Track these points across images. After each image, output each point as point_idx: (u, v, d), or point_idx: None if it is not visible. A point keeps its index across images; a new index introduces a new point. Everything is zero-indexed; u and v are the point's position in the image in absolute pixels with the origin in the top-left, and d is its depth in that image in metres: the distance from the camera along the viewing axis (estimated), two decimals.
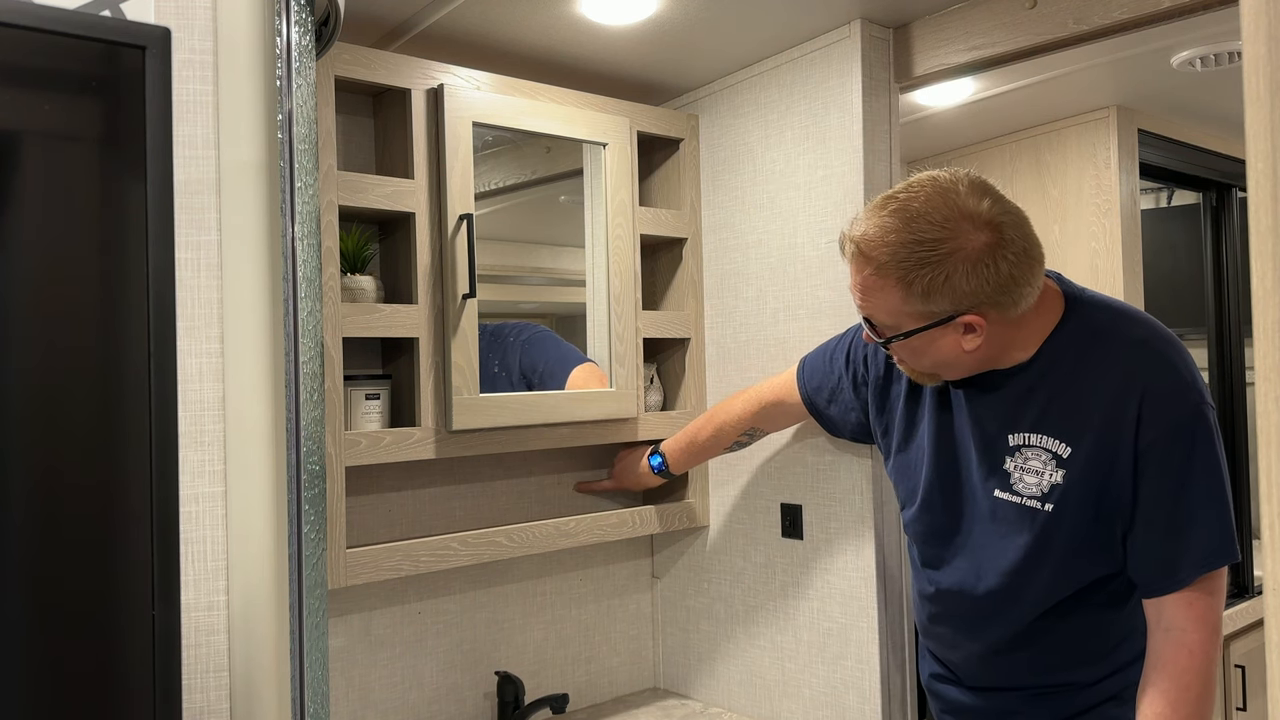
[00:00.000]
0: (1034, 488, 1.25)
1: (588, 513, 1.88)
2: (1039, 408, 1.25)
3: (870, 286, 1.22)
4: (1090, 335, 1.24)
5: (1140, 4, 1.44)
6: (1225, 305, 2.64)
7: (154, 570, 0.71)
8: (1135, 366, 1.21)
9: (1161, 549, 1.20)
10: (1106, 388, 1.21)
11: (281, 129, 0.98)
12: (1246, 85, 0.47)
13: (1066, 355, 1.24)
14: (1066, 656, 1.31)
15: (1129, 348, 1.22)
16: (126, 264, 0.72)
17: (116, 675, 0.72)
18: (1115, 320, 1.25)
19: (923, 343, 1.23)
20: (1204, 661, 1.17)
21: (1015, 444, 1.27)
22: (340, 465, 1.52)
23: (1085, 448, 1.21)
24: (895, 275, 1.18)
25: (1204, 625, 1.18)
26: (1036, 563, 1.26)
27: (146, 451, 0.72)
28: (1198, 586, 1.18)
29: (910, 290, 1.18)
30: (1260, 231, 0.46)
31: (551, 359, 1.80)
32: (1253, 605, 2.44)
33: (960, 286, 1.17)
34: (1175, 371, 1.21)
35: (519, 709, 1.81)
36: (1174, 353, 1.22)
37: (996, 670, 1.36)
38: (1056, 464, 1.23)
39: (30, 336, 0.70)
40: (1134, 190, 2.29)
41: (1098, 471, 1.21)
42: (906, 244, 1.17)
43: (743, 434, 1.77)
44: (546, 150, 1.86)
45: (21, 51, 0.69)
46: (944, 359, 1.24)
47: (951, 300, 1.18)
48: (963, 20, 1.64)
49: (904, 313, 1.21)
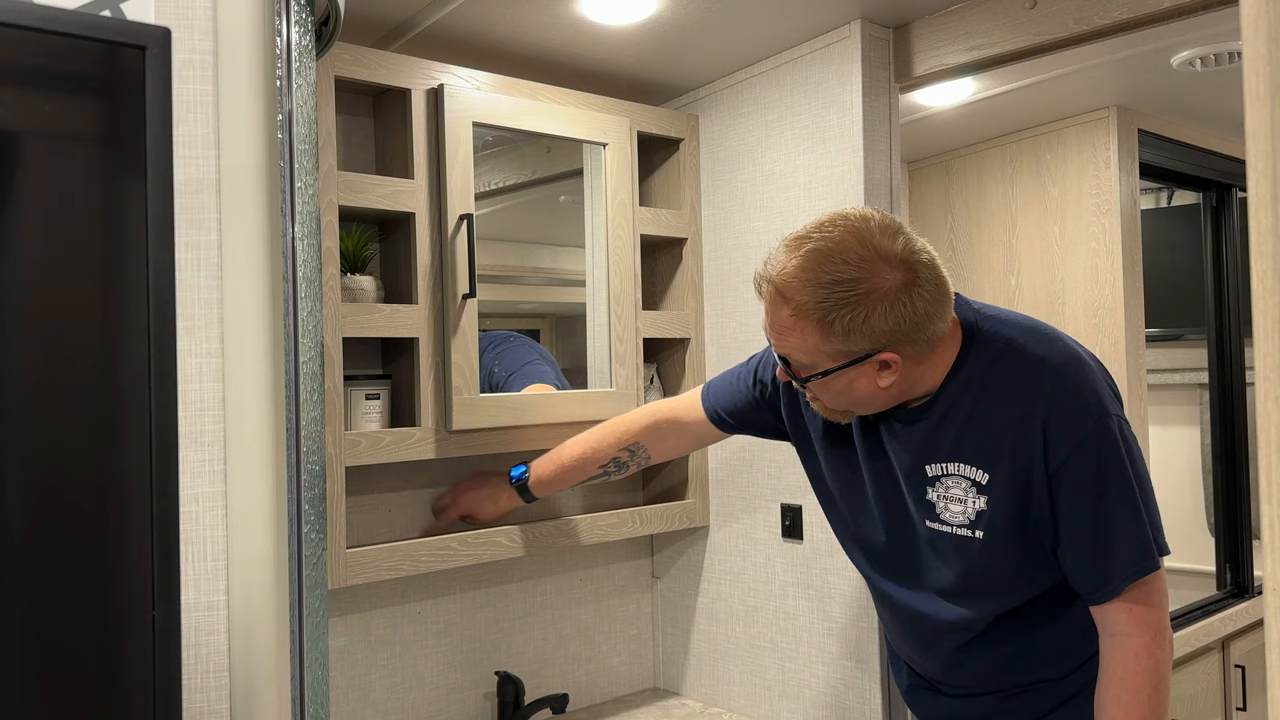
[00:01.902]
0: (960, 515, 1.27)
1: (588, 513, 1.88)
2: (952, 438, 1.27)
3: (788, 327, 1.23)
4: (991, 361, 1.26)
5: (1140, 4, 1.43)
6: (1225, 305, 2.64)
7: (154, 570, 0.71)
8: (1035, 391, 1.22)
9: (1089, 563, 1.22)
10: (1011, 414, 1.23)
11: (281, 129, 0.98)
12: (1246, 85, 0.47)
13: (971, 383, 1.26)
14: (1031, 658, 1.33)
15: (1029, 370, 1.24)
16: (126, 264, 0.72)
17: (117, 675, 0.72)
18: (1013, 342, 1.26)
19: (840, 382, 1.24)
20: (1151, 664, 1.20)
21: (934, 474, 1.29)
22: (340, 465, 1.52)
23: (1001, 473, 1.24)
24: (815, 316, 1.19)
25: (1146, 628, 1.21)
26: (981, 586, 1.29)
27: (146, 451, 0.72)
28: (1133, 593, 1.21)
29: (830, 330, 1.19)
30: (1260, 231, 0.46)
31: (512, 373, 1.77)
32: (1253, 605, 2.44)
33: (878, 325, 1.18)
34: (1075, 390, 1.22)
35: (519, 709, 1.81)
36: (1072, 369, 1.23)
37: (967, 676, 1.38)
38: (977, 490, 1.26)
39: (30, 337, 0.70)
40: (1134, 190, 2.29)
41: (1017, 495, 1.23)
42: (825, 284, 1.18)
43: (622, 448, 1.65)
44: (546, 150, 1.86)
45: (21, 51, 0.69)
46: (860, 397, 1.25)
47: (869, 339, 1.19)
48: (963, 20, 1.64)
49: (822, 352, 1.22)
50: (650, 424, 1.65)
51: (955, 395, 1.26)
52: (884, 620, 1.49)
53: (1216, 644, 2.34)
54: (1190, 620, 2.29)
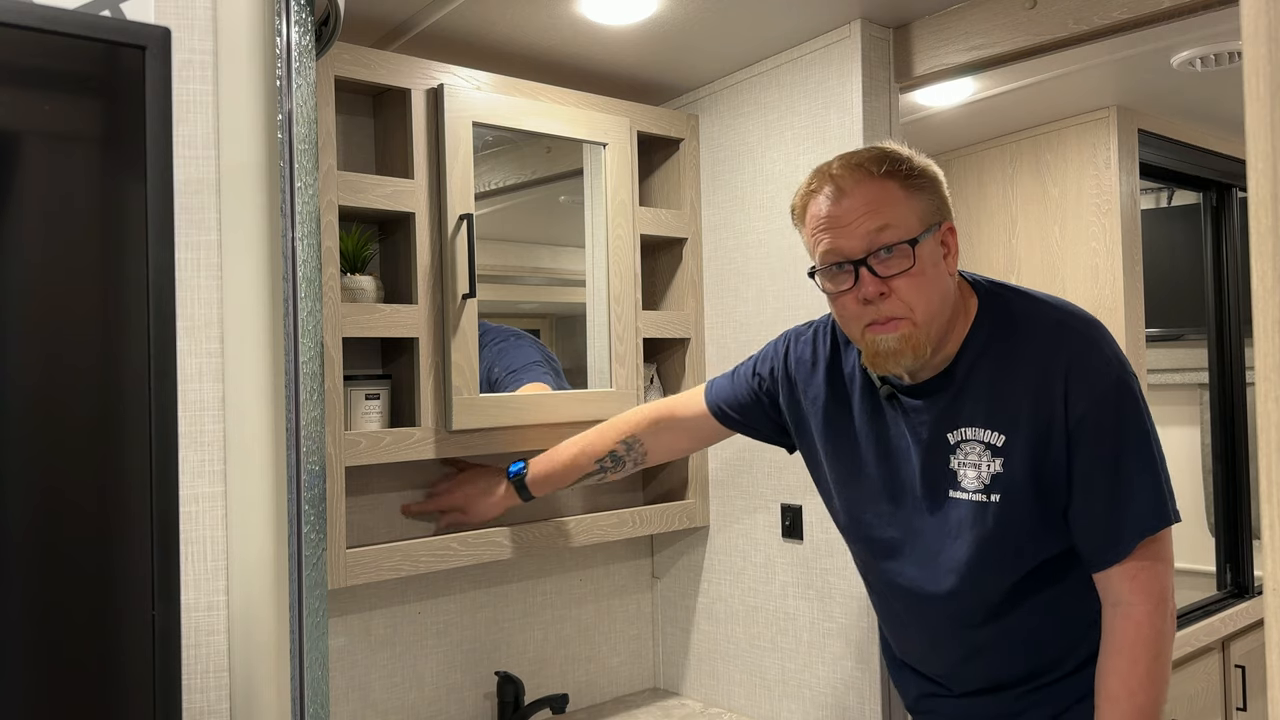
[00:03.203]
0: (976, 481, 1.26)
1: (588, 513, 1.88)
2: (972, 401, 1.27)
3: (875, 197, 1.23)
4: (1009, 324, 1.27)
5: (1140, 4, 1.43)
6: (1225, 305, 2.64)
7: (154, 570, 0.71)
8: (1055, 347, 1.23)
9: (1101, 520, 1.22)
10: (1032, 373, 1.23)
11: (281, 129, 0.98)
12: (1246, 85, 0.47)
13: (989, 347, 1.27)
14: (1048, 644, 1.31)
15: (1049, 330, 1.25)
16: (126, 264, 0.72)
17: (117, 675, 0.72)
18: (1030, 306, 1.28)
19: (929, 263, 1.23)
20: (1151, 633, 1.19)
21: (955, 441, 1.28)
22: (340, 465, 1.52)
23: (1020, 433, 1.23)
24: (899, 176, 1.23)
25: (1149, 596, 1.20)
26: (994, 555, 1.27)
27: (146, 451, 0.72)
28: (1141, 556, 1.20)
29: (913, 189, 1.23)
30: (1260, 231, 0.46)
31: (511, 371, 1.77)
32: (1253, 605, 2.44)
33: (941, 190, 1.26)
34: (1095, 346, 1.23)
35: (519, 709, 1.81)
36: (1092, 330, 1.25)
37: (981, 668, 1.35)
38: (992, 454, 1.25)
39: (30, 337, 0.70)
40: (1134, 190, 2.29)
41: (1034, 454, 1.23)
42: (892, 156, 1.25)
43: (618, 442, 1.63)
44: (546, 150, 1.86)
45: (21, 51, 0.69)
46: (942, 289, 1.25)
47: (936, 202, 1.25)
48: (962, 20, 1.64)
49: (913, 213, 1.23)
50: (647, 419, 1.64)
51: (975, 357, 1.27)
52: (889, 620, 1.45)
53: (1216, 644, 2.34)
54: (1190, 620, 2.29)
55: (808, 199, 1.29)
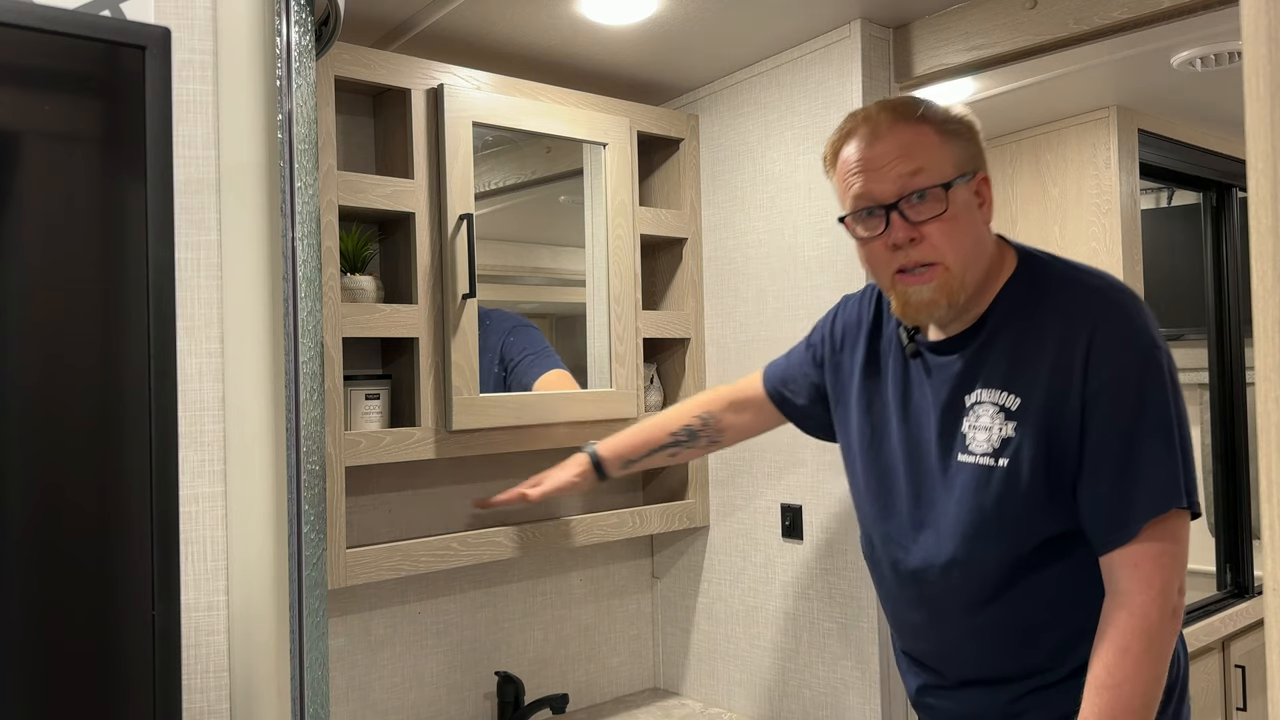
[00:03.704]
0: (985, 444, 1.22)
1: (588, 513, 1.88)
2: (991, 363, 1.23)
3: (911, 140, 1.21)
4: (1042, 286, 1.23)
5: (1140, 4, 1.43)
6: (1225, 305, 2.64)
7: (154, 570, 0.71)
8: (1084, 311, 1.18)
9: (1109, 498, 1.16)
10: (1056, 336, 1.19)
11: (281, 129, 0.98)
12: (1247, 85, 0.47)
13: (1018, 307, 1.23)
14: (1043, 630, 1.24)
15: (1079, 294, 1.21)
16: (126, 264, 0.72)
17: (117, 675, 0.72)
18: (1067, 270, 1.25)
19: (963, 208, 1.21)
20: (1144, 621, 1.13)
21: (970, 403, 1.24)
22: (340, 465, 1.52)
23: (1036, 397, 1.18)
24: (936, 122, 1.22)
25: (1149, 586, 1.14)
26: (995, 521, 1.22)
27: (146, 451, 0.72)
28: (1146, 542, 1.14)
29: (949, 135, 1.22)
30: (1260, 231, 0.46)
31: (529, 354, 1.77)
32: (1253, 605, 2.44)
33: (977, 140, 1.25)
34: (1125, 315, 1.18)
35: (519, 709, 1.81)
36: (1127, 300, 1.20)
37: (979, 655, 1.29)
38: (1005, 417, 1.20)
39: (30, 337, 0.70)
40: (1134, 190, 2.29)
41: (1048, 422, 1.17)
42: (927, 101, 1.24)
43: (695, 416, 1.62)
44: (546, 150, 1.86)
45: (21, 51, 0.69)
46: (978, 236, 1.23)
47: (972, 151, 1.24)
48: (963, 20, 1.64)
49: (948, 157, 1.21)
50: (722, 398, 1.63)
51: (1003, 316, 1.24)
52: (889, 598, 1.39)
53: (1216, 644, 2.34)
54: (1190, 620, 2.29)
55: (840, 143, 1.27)
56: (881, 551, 1.37)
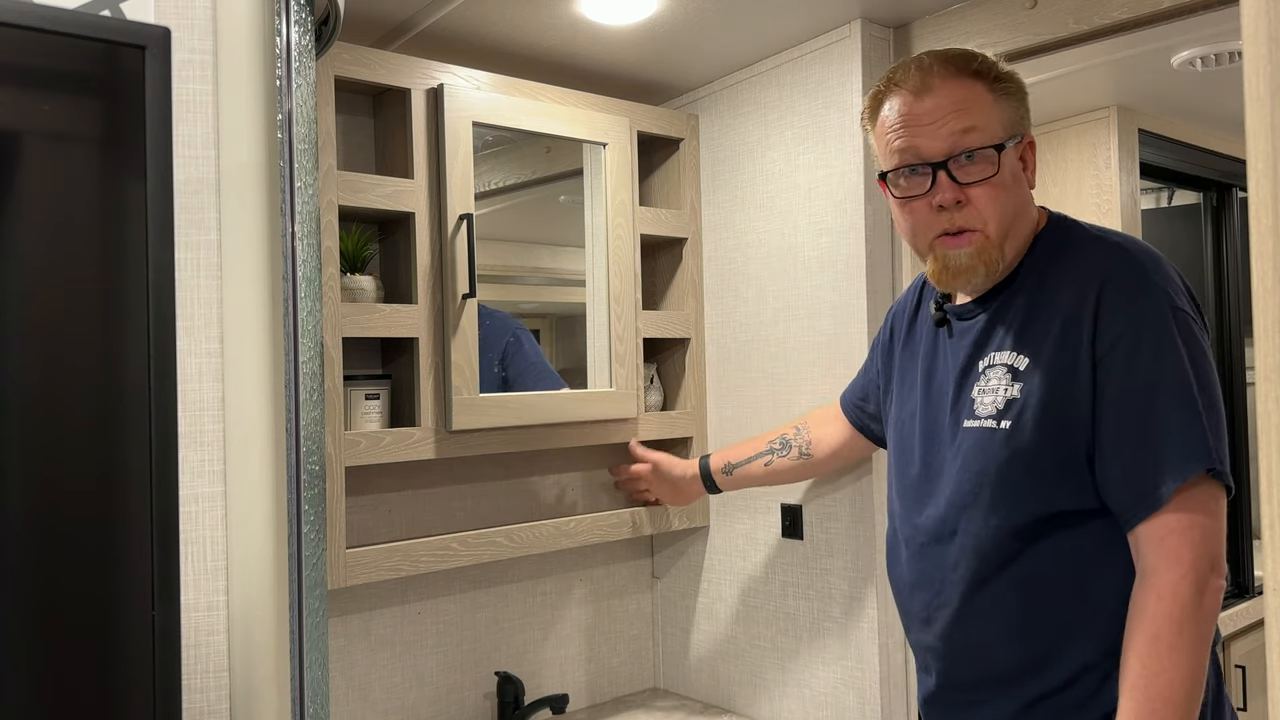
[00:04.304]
0: (990, 406, 1.16)
1: (588, 513, 1.88)
2: (1007, 325, 1.18)
3: (963, 97, 1.16)
4: (1064, 243, 1.19)
5: (1140, 4, 1.43)
6: (1225, 305, 2.64)
7: (154, 570, 0.71)
8: (1096, 266, 1.13)
9: (1130, 465, 1.07)
10: (1068, 292, 1.13)
11: (281, 129, 0.98)
12: (1247, 85, 0.47)
13: (1039, 267, 1.19)
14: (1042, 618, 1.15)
15: (1095, 250, 1.16)
16: (126, 264, 0.72)
17: (117, 675, 0.72)
18: (1090, 232, 1.20)
19: (1010, 170, 1.17)
20: (1174, 605, 1.03)
21: (984, 367, 1.19)
22: (340, 465, 1.52)
23: (1044, 357, 1.12)
24: (986, 81, 1.17)
25: (1177, 563, 1.04)
26: (997, 486, 1.14)
27: (146, 451, 0.72)
28: (1173, 513, 1.05)
29: (1000, 92, 1.17)
30: (1260, 231, 0.46)
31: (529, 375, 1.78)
32: (1253, 605, 2.44)
33: (1025, 101, 1.20)
34: (1142, 270, 1.11)
35: (519, 709, 1.81)
36: (1148, 257, 1.13)
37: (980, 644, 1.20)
38: (1013, 377, 1.15)
39: (30, 337, 0.70)
40: (1134, 190, 2.29)
41: (1056, 381, 1.11)
42: (980, 55, 1.19)
43: (791, 427, 1.68)
44: (546, 150, 1.86)
45: (21, 51, 0.69)
46: (1021, 199, 1.19)
47: (1021, 113, 1.19)
48: (963, 20, 1.64)
49: (997, 117, 1.16)
50: (815, 413, 1.70)
51: (1024, 277, 1.19)
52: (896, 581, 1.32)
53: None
54: None
55: (885, 94, 1.20)
56: (899, 534, 1.31)
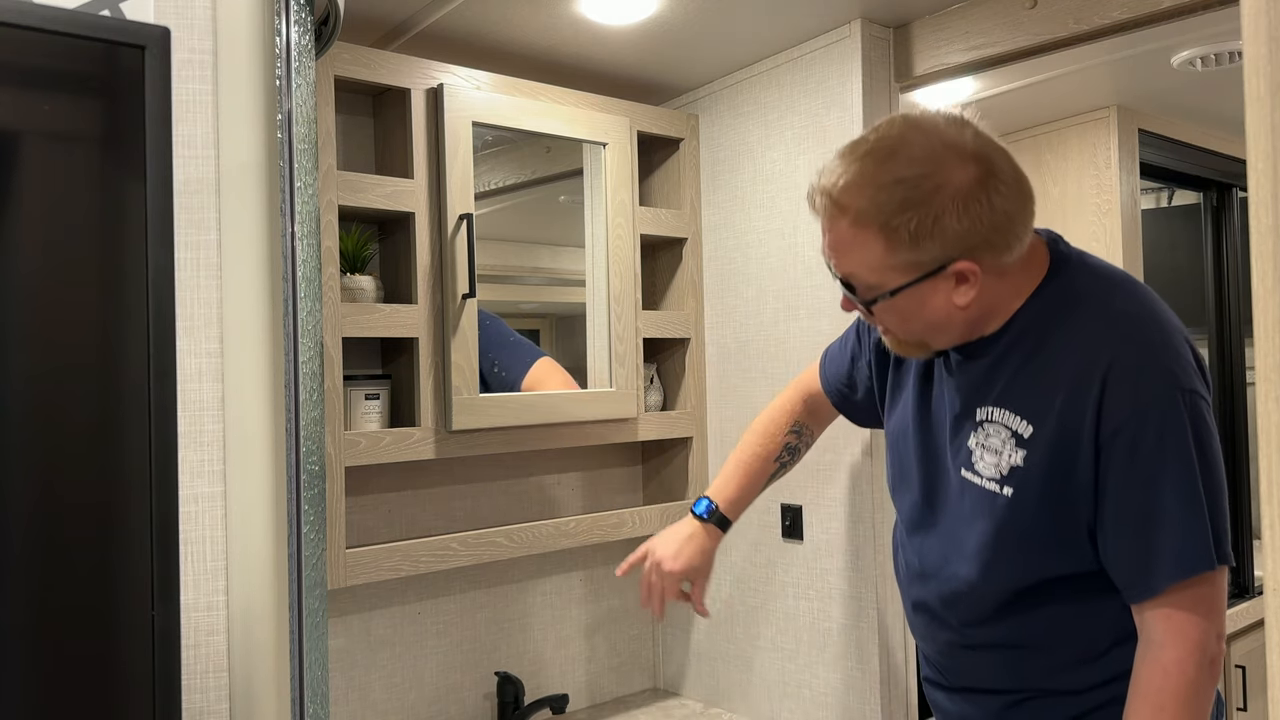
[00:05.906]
0: (993, 468, 1.13)
1: (588, 513, 1.88)
2: (1006, 379, 1.13)
3: (847, 241, 1.08)
4: (1070, 300, 1.12)
5: (1140, 4, 1.43)
6: (1225, 305, 2.64)
7: (154, 570, 0.71)
8: (1105, 342, 1.07)
9: (1132, 552, 1.07)
10: (1072, 365, 1.08)
11: (281, 129, 0.98)
12: (1247, 85, 0.47)
13: (1040, 320, 1.12)
14: (1043, 658, 1.19)
15: (1105, 319, 1.09)
16: (126, 264, 0.72)
17: (116, 675, 0.72)
18: (1100, 287, 1.13)
19: (911, 302, 1.09)
20: (1180, 682, 1.05)
21: (981, 418, 1.16)
22: (340, 465, 1.52)
23: (1048, 428, 1.09)
24: (876, 223, 1.05)
25: (1183, 640, 1.05)
26: (996, 551, 1.15)
27: (146, 451, 0.72)
28: (1176, 597, 1.05)
29: (895, 238, 1.05)
30: (1260, 231, 0.46)
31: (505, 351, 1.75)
32: (1253, 605, 2.44)
33: (951, 227, 1.04)
34: (1149, 350, 1.07)
35: (519, 709, 1.81)
36: (1156, 330, 1.08)
37: (973, 667, 1.25)
38: (1016, 443, 1.12)
39: (30, 336, 0.70)
40: (1134, 190, 2.29)
41: (1061, 456, 1.09)
42: (886, 185, 1.04)
43: (789, 433, 1.53)
44: (546, 150, 1.86)
45: (21, 51, 0.69)
46: (935, 320, 1.11)
47: (942, 245, 1.05)
48: (963, 20, 1.64)
49: (889, 266, 1.07)
50: (801, 402, 1.54)
51: (1023, 329, 1.13)
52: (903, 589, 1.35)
53: None
54: None
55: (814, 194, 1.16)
56: (900, 549, 1.34)
